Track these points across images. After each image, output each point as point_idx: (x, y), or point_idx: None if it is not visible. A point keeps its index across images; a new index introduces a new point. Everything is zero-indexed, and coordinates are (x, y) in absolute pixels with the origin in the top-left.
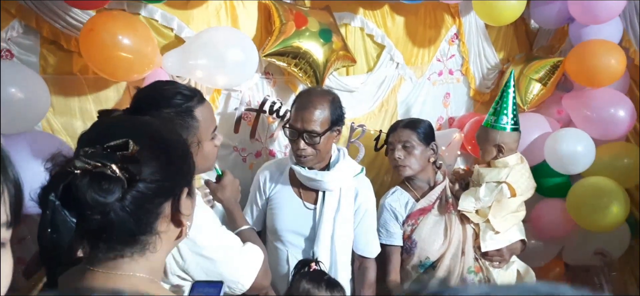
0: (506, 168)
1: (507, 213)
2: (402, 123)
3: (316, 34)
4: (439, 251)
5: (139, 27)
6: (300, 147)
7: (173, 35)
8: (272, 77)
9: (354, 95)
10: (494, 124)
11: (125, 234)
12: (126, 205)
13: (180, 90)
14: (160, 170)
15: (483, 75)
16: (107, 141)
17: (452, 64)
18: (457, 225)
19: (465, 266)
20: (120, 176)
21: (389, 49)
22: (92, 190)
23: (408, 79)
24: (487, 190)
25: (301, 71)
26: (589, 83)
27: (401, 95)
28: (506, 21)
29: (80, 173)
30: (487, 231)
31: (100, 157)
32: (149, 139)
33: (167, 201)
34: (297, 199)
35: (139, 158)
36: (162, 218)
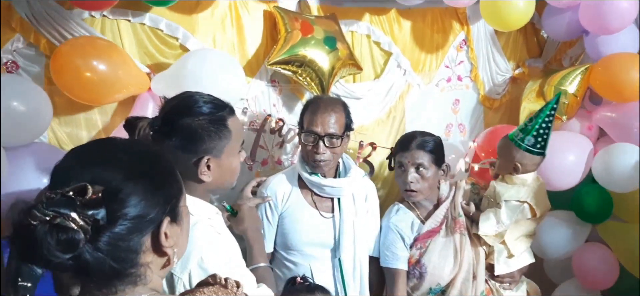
0: (525, 187)
1: (523, 234)
2: (416, 144)
3: (321, 41)
4: (450, 275)
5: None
6: (320, 151)
7: (178, 45)
8: (278, 85)
9: (361, 102)
10: (518, 141)
11: (108, 272)
12: (99, 247)
13: (211, 99)
14: (135, 206)
15: (493, 82)
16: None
17: (461, 70)
18: (468, 246)
19: (477, 291)
20: (81, 226)
21: (396, 55)
22: (50, 244)
23: (416, 86)
24: (509, 212)
25: (307, 79)
26: (615, 97)
27: (409, 102)
28: (514, 26)
29: (38, 224)
30: (501, 254)
31: (58, 205)
32: (123, 171)
33: (145, 235)
34: (313, 210)
35: (103, 199)
36: (144, 251)
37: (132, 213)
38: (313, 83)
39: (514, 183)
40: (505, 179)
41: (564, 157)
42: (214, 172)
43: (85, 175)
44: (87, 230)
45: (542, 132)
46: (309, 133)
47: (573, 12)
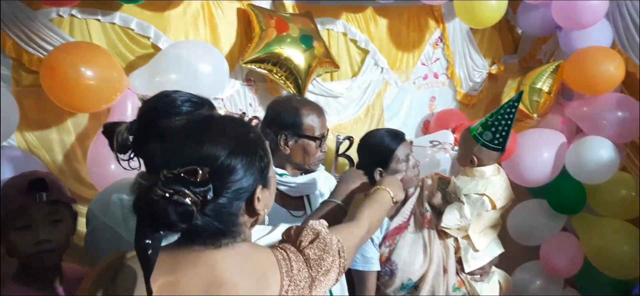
0: (483, 180)
1: (486, 227)
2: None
3: (297, 39)
4: (421, 270)
5: (100, 55)
6: (325, 149)
7: (150, 45)
8: (254, 84)
9: (339, 100)
10: (477, 135)
11: (214, 232)
12: (206, 213)
13: (189, 97)
14: (236, 181)
15: (469, 78)
16: (187, 155)
17: (437, 68)
18: (437, 240)
19: (449, 285)
20: (194, 201)
21: (373, 53)
22: (170, 215)
23: (393, 83)
24: (470, 206)
25: (282, 77)
26: (588, 91)
27: (387, 99)
28: (487, 23)
29: (160, 199)
30: (468, 251)
31: (175, 183)
32: (226, 149)
33: (243, 201)
34: (283, 210)
35: (210, 178)
36: (242, 214)
37: (234, 187)
38: (289, 81)
39: (473, 176)
40: (465, 172)
41: (538, 153)
42: None
43: (195, 154)
44: (198, 203)
45: (501, 129)
46: (321, 136)
47: (546, 8)
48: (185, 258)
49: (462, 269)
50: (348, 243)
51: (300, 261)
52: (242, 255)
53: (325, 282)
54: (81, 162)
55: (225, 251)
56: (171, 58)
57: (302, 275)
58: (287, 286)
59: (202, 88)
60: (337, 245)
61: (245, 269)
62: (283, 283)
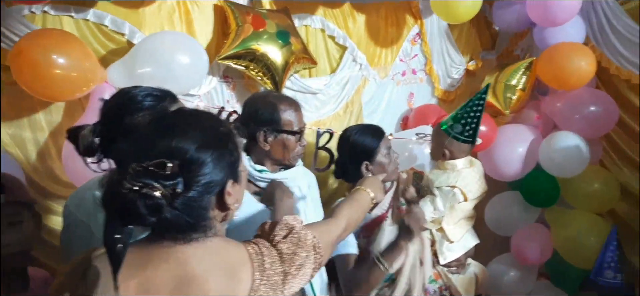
0: (455, 172)
1: (460, 218)
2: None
3: (274, 36)
4: (398, 262)
5: (73, 43)
6: (302, 143)
7: (125, 41)
8: (231, 80)
9: (318, 97)
10: (448, 128)
11: (184, 225)
12: (176, 207)
13: (149, 91)
14: (205, 174)
15: (447, 75)
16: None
17: (415, 64)
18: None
19: (425, 277)
20: (163, 194)
21: (351, 50)
22: (140, 208)
23: (372, 80)
24: (442, 199)
25: (259, 74)
26: (560, 86)
27: (366, 96)
28: (463, 19)
29: (129, 192)
30: (443, 243)
31: (144, 177)
32: (196, 142)
33: (213, 195)
34: (262, 206)
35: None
36: (212, 208)
37: (203, 181)
38: (266, 78)
39: (445, 169)
40: (438, 166)
41: (513, 148)
42: None
43: (164, 148)
44: (168, 196)
45: (470, 121)
46: (300, 131)
47: (522, 5)
48: (156, 255)
49: (438, 261)
50: (324, 240)
51: (273, 255)
52: (213, 250)
53: (300, 277)
54: (55, 159)
55: (196, 246)
56: (149, 49)
57: (275, 270)
58: (259, 281)
59: (181, 79)
60: (312, 240)
61: (216, 264)
62: (254, 277)
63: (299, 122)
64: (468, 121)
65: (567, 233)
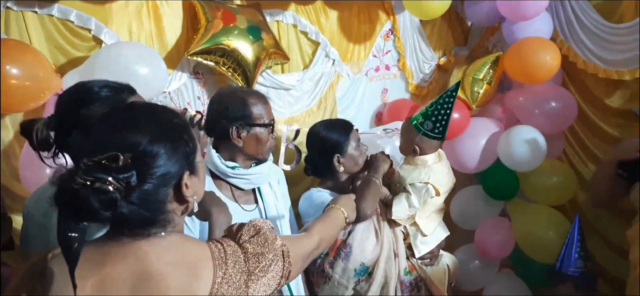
0: (426, 168)
1: (432, 212)
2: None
3: (245, 31)
4: (373, 254)
5: (28, 53)
6: (273, 136)
7: (91, 37)
8: (202, 77)
9: (291, 93)
10: (418, 125)
11: (141, 220)
12: (132, 201)
13: (106, 83)
14: (160, 166)
15: (420, 70)
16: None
17: (389, 60)
18: (386, 227)
19: (400, 269)
20: (117, 188)
21: (324, 45)
22: (93, 203)
23: (345, 76)
24: (416, 195)
25: (230, 70)
26: (527, 80)
27: (339, 91)
28: (434, 15)
29: (81, 188)
30: (417, 237)
31: (95, 171)
32: (148, 135)
33: (170, 187)
34: (235, 205)
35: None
36: (170, 201)
37: (158, 173)
38: (236, 73)
39: (416, 165)
40: (408, 162)
41: (475, 141)
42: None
43: (116, 141)
44: (122, 190)
45: (441, 118)
46: (270, 124)
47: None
48: (114, 251)
49: (413, 255)
50: (295, 252)
51: (237, 255)
52: (172, 245)
53: (265, 281)
54: (20, 159)
55: (155, 242)
56: (107, 59)
57: (238, 269)
58: (221, 280)
59: (139, 90)
60: (281, 246)
61: (175, 261)
62: (216, 276)
63: (268, 114)
64: (438, 118)
65: (526, 227)
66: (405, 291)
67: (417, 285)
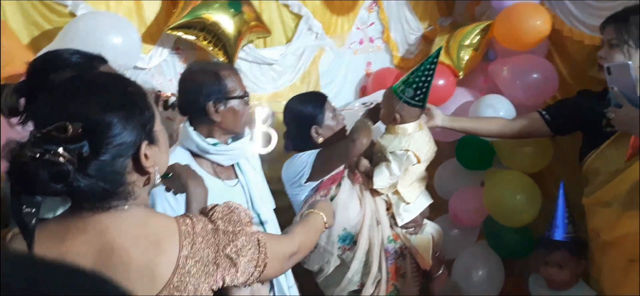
0: (406, 136)
1: (414, 180)
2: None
3: (225, 5)
4: (356, 220)
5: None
6: (248, 109)
7: (68, 12)
8: (182, 52)
9: (274, 68)
10: (399, 93)
11: (100, 193)
12: (88, 173)
13: (77, 51)
14: (114, 135)
15: (406, 42)
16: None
17: (373, 32)
18: (368, 194)
19: (384, 236)
20: (68, 159)
21: (307, 18)
22: (44, 176)
23: (329, 49)
24: (396, 163)
25: (210, 44)
26: (516, 46)
27: (323, 65)
28: None
29: (31, 161)
30: (399, 205)
31: (44, 142)
32: (100, 104)
33: (127, 158)
34: (218, 181)
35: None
36: (129, 172)
37: (113, 142)
38: (217, 48)
39: (396, 134)
40: (389, 131)
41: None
42: None
43: (65, 112)
44: (74, 162)
45: (421, 85)
46: (244, 96)
47: None
48: (74, 226)
49: (397, 224)
50: (273, 248)
51: (207, 230)
52: (134, 218)
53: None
54: None
55: (116, 215)
56: (79, 31)
57: (207, 244)
58: (187, 254)
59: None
60: (258, 236)
61: (138, 234)
62: (181, 251)
63: (241, 87)
64: (419, 85)
65: (496, 194)
66: (390, 259)
67: (402, 253)
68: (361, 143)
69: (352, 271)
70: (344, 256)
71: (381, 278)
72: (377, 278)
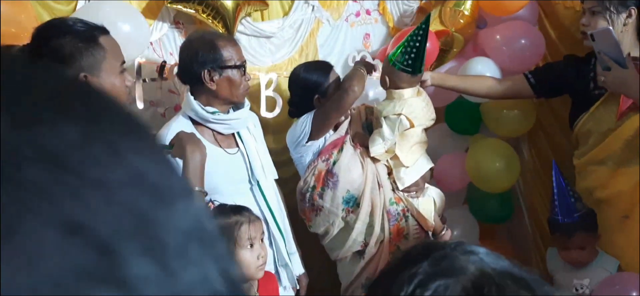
0: (401, 101)
1: (413, 144)
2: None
3: None
4: (359, 181)
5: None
6: (248, 78)
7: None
8: (183, 26)
9: (272, 41)
10: (391, 56)
11: None
12: None
13: (81, 20)
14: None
15: (401, 13)
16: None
17: (369, 4)
18: (369, 161)
19: (386, 199)
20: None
21: None
22: None
23: (325, 22)
24: (389, 127)
25: (209, 17)
26: (499, 11)
27: (320, 38)
28: None
29: None
30: (399, 169)
31: None
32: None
33: None
34: (219, 149)
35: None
36: None
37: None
38: (216, 21)
39: (392, 99)
40: (387, 96)
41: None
42: None
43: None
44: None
45: (410, 50)
46: (240, 66)
47: None
48: None
49: (398, 188)
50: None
51: None
52: None
53: None
54: None
55: None
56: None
57: None
58: None
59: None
60: None
61: None
62: None
63: (238, 56)
64: (408, 50)
65: (477, 159)
66: (392, 220)
67: (405, 215)
68: (354, 91)
69: (355, 232)
70: (348, 219)
71: (384, 238)
72: (380, 239)
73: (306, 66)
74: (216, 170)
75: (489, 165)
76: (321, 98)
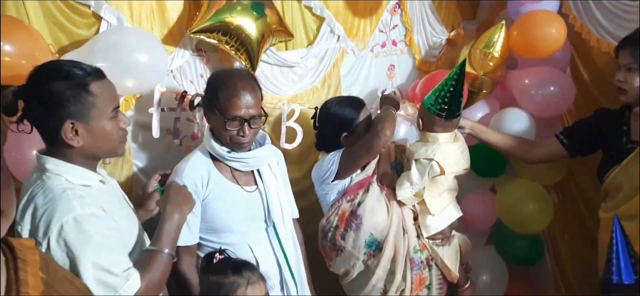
0: (435, 145)
1: (442, 190)
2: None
3: (248, 7)
4: (383, 226)
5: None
6: (246, 133)
7: (91, 13)
8: (204, 54)
9: (295, 70)
10: (425, 99)
11: None
12: None
13: (78, 64)
14: None
15: (428, 45)
16: None
17: (395, 35)
18: (395, 204)
19: (410, 246)
20: None
21: (329, 21)
22: None
23: (350, 52)
24: (419, 171)
25: (233, 48)
26: (530, 54)
27: (344, 68)
28: None
29: None
30: (426, 216)
31: None
32: None
33: None
34: (236, 187)
35: None
36: None
37: None
38: (239, 52)
39: (426, 141)
40: (421, 138)
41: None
42: (84, 136)
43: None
44: None
45: (445, 94)
46: (234, 119)
47: None
48: None
49: (423, 234)
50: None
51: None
52: None
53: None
54: None
55: None
56: (106, 44)
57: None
58: None
59: (139, 77)
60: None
61: None
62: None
63: (233, 109)
64: (441, 94)
65: (509, 200)
66: (415, 268)
67: (428, 264)
68: (386, 134)
69: (376, 278)
70: (369, 263)
71: (405, 287)
72: (401, 287)
73: (339, 101)
74: (231, 208)
75: (523, 206)
76: (349, 136)
